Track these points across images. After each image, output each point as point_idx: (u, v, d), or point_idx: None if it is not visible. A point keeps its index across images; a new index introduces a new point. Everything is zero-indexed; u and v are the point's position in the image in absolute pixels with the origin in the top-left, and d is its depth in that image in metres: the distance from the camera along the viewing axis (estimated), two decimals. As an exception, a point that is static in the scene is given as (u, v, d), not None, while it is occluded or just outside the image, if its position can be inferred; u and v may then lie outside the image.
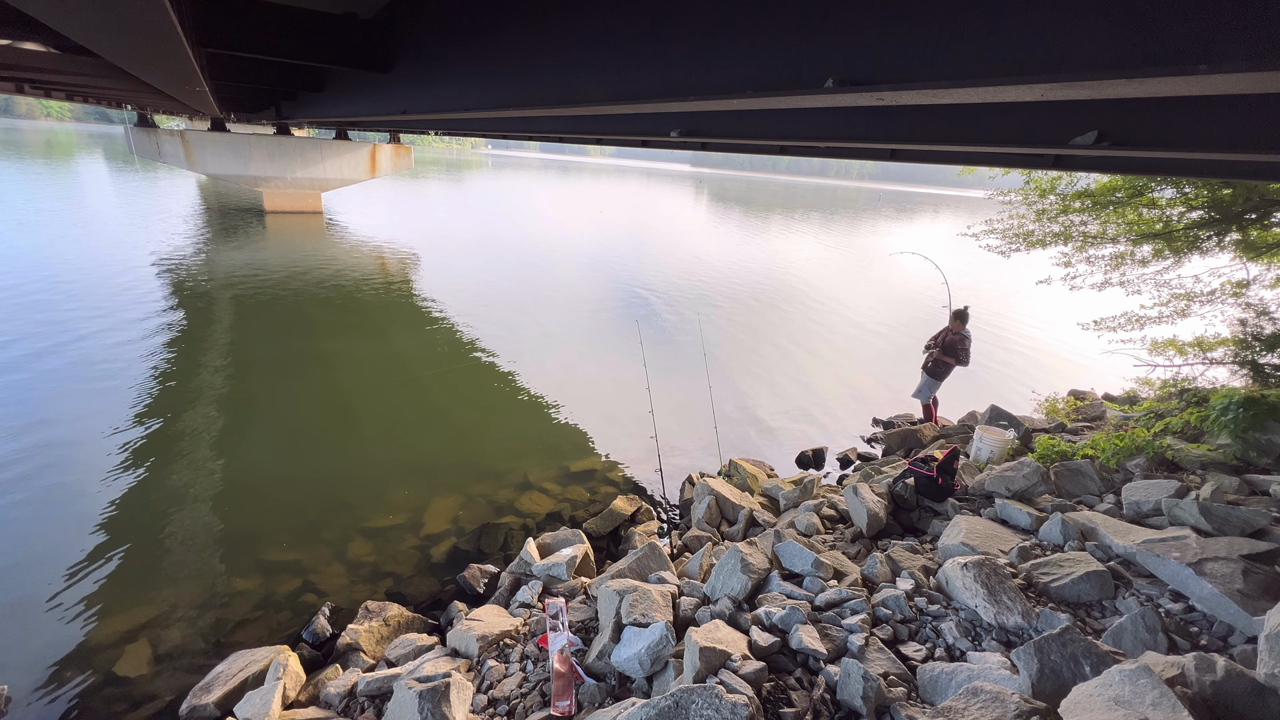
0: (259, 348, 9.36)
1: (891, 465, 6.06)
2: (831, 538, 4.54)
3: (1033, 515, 4.13)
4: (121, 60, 4.82)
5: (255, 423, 6.97)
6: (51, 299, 10.38)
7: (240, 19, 5.41)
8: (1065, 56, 1.62)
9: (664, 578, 3.73)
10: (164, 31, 3.36)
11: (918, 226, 48.21)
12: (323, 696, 3.35)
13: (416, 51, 5.75)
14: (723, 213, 45.61)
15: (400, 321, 11.50)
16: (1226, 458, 4.58)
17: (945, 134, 3.21)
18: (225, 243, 17.19)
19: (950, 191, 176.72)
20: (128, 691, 3.56)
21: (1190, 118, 2.38)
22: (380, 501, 5.59)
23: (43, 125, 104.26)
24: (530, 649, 3.40)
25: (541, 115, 5.56)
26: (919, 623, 3.21)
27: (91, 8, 2.91)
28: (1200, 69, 1.37)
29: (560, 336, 11.32)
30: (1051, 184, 7.45)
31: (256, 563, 4.70)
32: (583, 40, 3.58)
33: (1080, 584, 3.29)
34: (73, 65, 7.59)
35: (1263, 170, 3.25)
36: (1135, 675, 2.13)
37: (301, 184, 23.60)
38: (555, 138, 8.69)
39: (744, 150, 5.91)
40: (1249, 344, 5.47)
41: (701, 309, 13.95)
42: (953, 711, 2.29)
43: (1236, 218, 6.23)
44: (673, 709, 2.31)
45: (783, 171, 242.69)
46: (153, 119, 22.47)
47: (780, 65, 2.44)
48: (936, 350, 7.11)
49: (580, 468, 6.54)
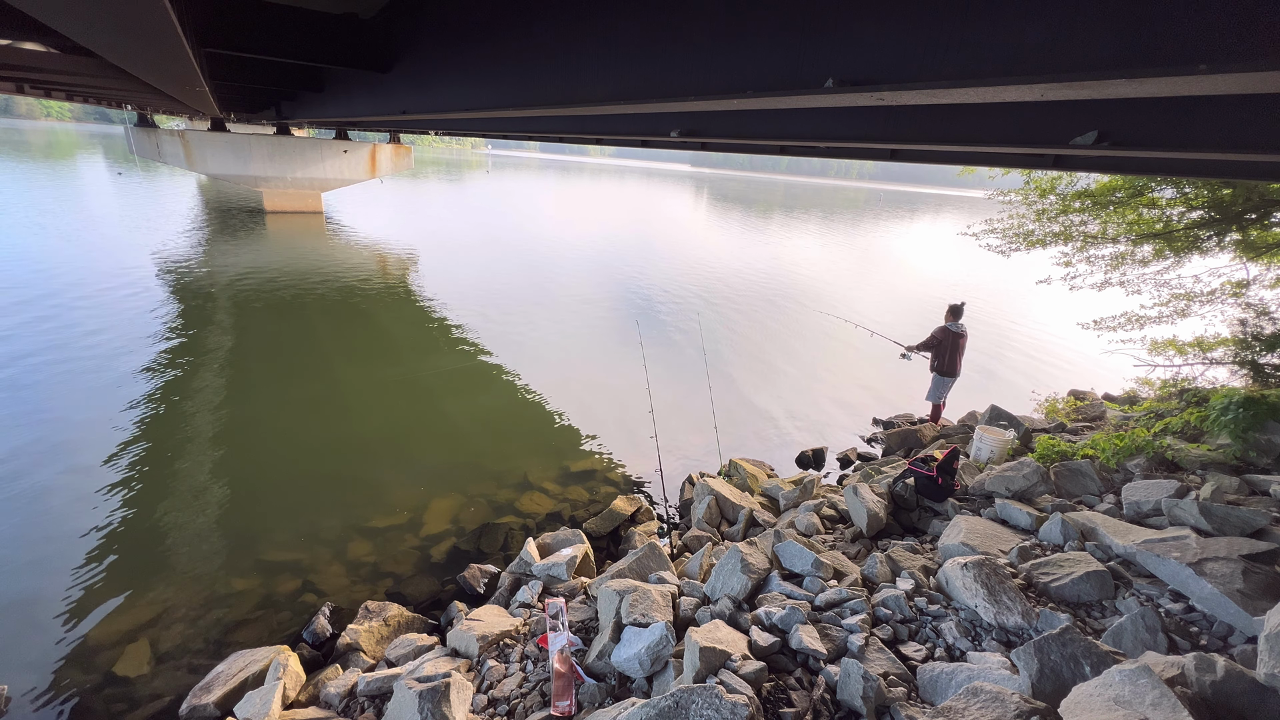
0: (259, 347, 9.36)
1: (891, 465, 6.06)
2: (831, 538, 4.54)
3: (1033, 515, 4.13)
4: (121, 60, 4.83)
5: (255, 422, 6.97)
6: (51, 299, 10.38)
7: (240, 19, 5.41)
8: (1065, 56, 1.62)
9: (664, 578, 3.73)
10: (164, 32, 3.36)
11: (917, 226, 48.23)
12: (323, 696, 3.35)
13: (416, 52, 5.75)
14: (722, 213, 45.61)
15: (401, 321, 11.50)
16: (1226, 458, 4.58)
17: (945, 134, 3.21)
18: (225, 243, 17.19)
19: (950, 191, 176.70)
20: (128, 691, 3.56)
21: (1190, 118, 2.38)
22: (380, 501, 5.59)
23: (43, 125, 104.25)
24: (530, 649, 3.40)
25: (541, 115, 5.56)
26: (919, 623, 3.21)
27: (91, 8, 2.91)
28: (1200, 69, 1.37)
29: (560, 336, 11.31)
30: (1051, 184, 7.45)
31: (256, 563, 4.70)
32: (583, 40, 3.58)
33: (1080, 584, 3.29)
34: (73, 65, 7.59)
35: (1263, 170, 3.25)
36: (1135, 675, 2.13)
37: (301, 184, 23.61)
38: (555, 138, 8.70)
39: (744, 150, 5.91)
40: (1249, 344, 5.47)
41: (701, 309, 13.96)
42: (953, 711, 2.29)
43: (1236, 218, 6.23)
44: (673, 709, 2.31)
45: (783, 171, 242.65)
46: (153, 119, 22.46)
47: (780, 65, 2.44)
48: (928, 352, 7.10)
49: (580, 468, 6.54)
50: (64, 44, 6.00)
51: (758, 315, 14.04)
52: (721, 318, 13.52)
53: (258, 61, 8.88)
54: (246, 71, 9.62)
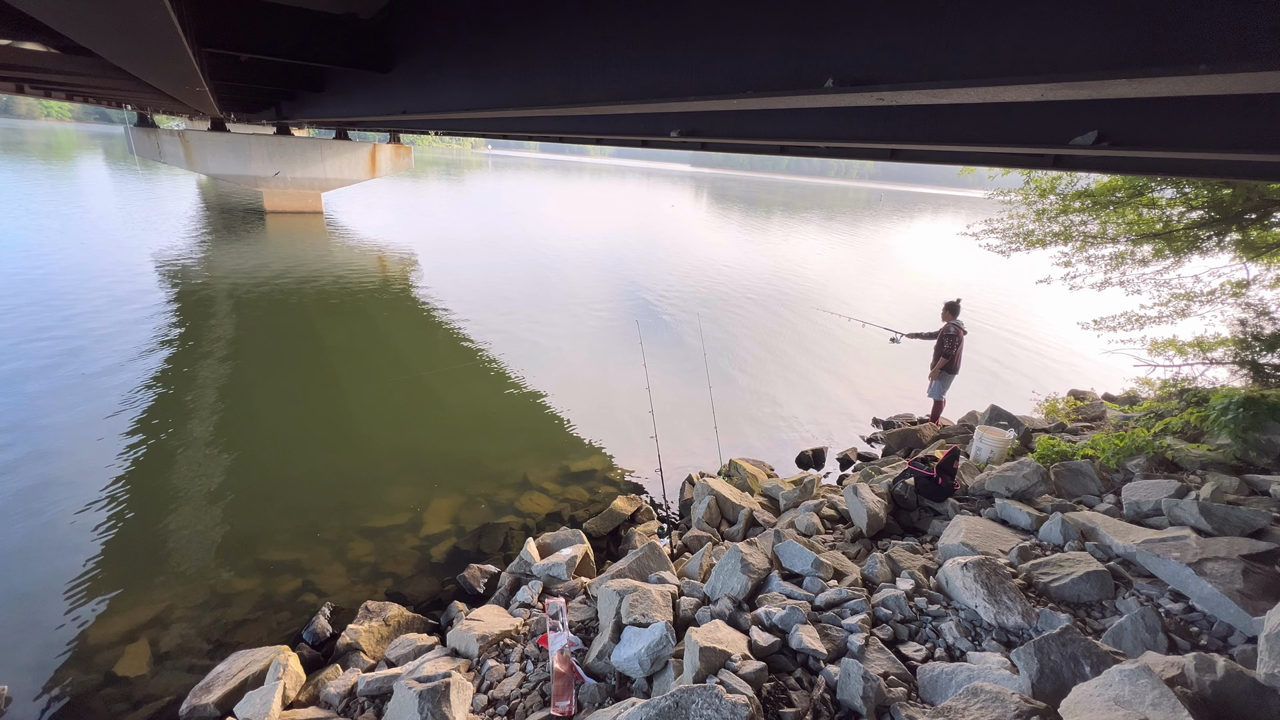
0: (259, 348, 9.36)
1: (891, 465, 6.06)
2: (831, 538, 4.54)
3: (1033, 515, 4.13)
4: (122, 60, 4.82)
5: (255, 422, 6.97)
6: (51, 299, 10.37)
7: (240, 19, 5.41)
8: (1065, 56, 1.62)
9: (664, 578, 3.73)
10: (164, 32, 3.36)
11: (917, 226, 48.21)
12: (323, 696, 3.35)
13: (417, 51, 5.75)
14: (722, 213, 45.58)
15: (401, 321, 11.50)
16: (1226, 458, 4.58)
17: (945, 134, 3.21)
18: (225, 243, 17.19)
19: (950, 191, 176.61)
20: (128, 691, 3.56)
21: (1190, 118, 2.38)
22: (380, 501, 5.59)
23: (43, 125, 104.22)
24: (530, 649, 3.40)
25: (542, 115, 5.56)
26: (919, 623, 3.21)
27: (92, 8, 2.91)
28: (1200, 69, 1.37)
29: (560, 336, 11.31)
30: (1051, 184, 7.45)
31: (256, 563, 4.70)
32: (583, 40, 3.58)
33: (1080, 584, 3.29)
34: (73, 65, 7.58)
35: (1263, 170, 3.25)
36: (1135, 675, 2.13)
37: (301, 184, 23.59)
38: (555, 138, 8.69)
39: (744, 150, 5.91)
40: (1249, 344, 5.46)
41: (701, 309, 13.95)
42: (953, 711, 2.29)
43: (1236, 218, 6.23)
44: (673, 709, 2.31)
45: (783, 171, 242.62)
46: (153, 119, 22.43)
47: (780, 65, 2.44)
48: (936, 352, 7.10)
49: (580, 468, 6.54)
50: (64, 44, 5.99)
51: (758, 315, 14.04)
52: (721, 317, 13.51)
53: (258, 61, 8.86)
54: (247, 71, 9.60)
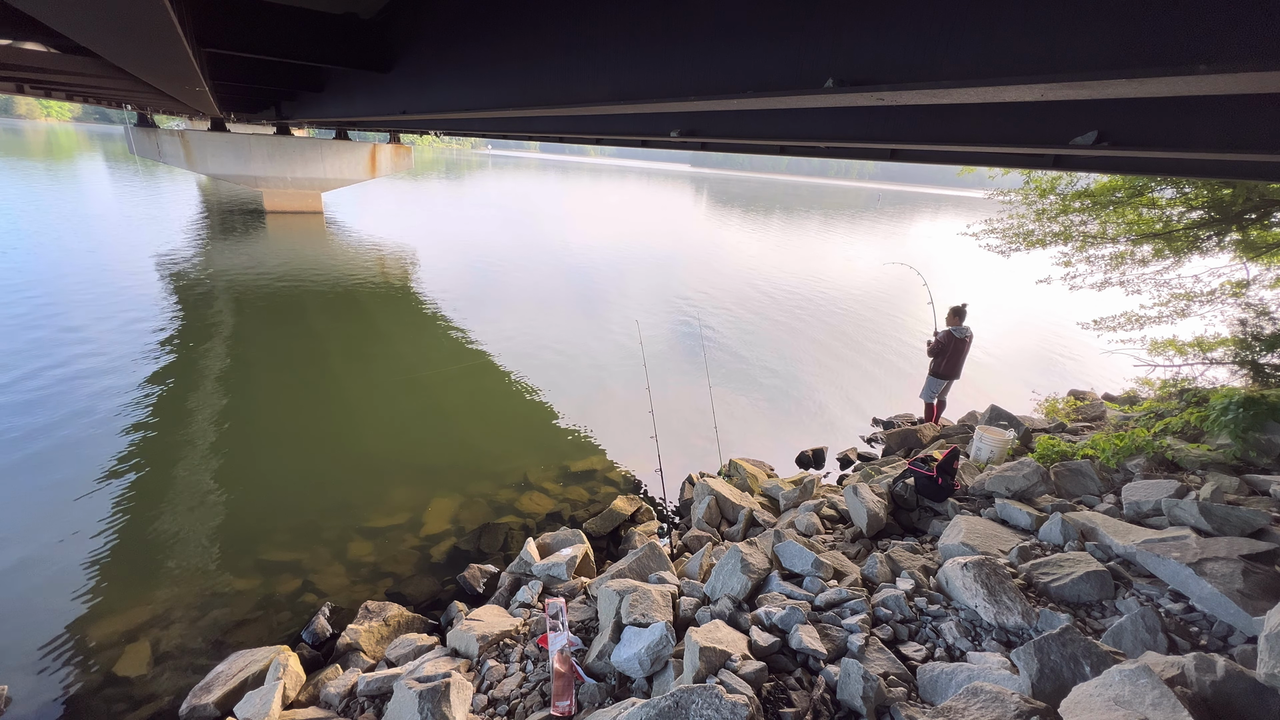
0: (259, 348, 9.35)
1: (891, 465, 6.06)
2: (831, 538, 4.53)
3: (1033, 515, 4.13)
4: (121, 60, 4.83)
5: (255, 422, 6.97)
6: (51, 299, 10.37)
7: (240, 19, 5.42)
8: (1065, 56, 1.62)
9: (664, 578, 3.73)
10: (164, 31, 3.36)
11: (917, 226, 48.20)
12: (323, 696, 3.35)
13: (417, 51, 5.75)
14: (722, 214, 45.58)
15: (401, 322, 11.50)
16: (1226, 458, 4.58)
17: (945, 134, 3.22)
18: (225, 243, 17.19)
19: (950, 191, 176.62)
20: (128, 691, 3.56)
21: (1190, 118, 2.38)
22: (380, 501, 5.59)
23: (43, 125, 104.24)
24: (530, 649, 3.40)
25: (542, 115, 5.56)
26: (919, 623, 3.21)
27: (91, 8, 2.91)
28: (1200, 69, 1.37)
29: (561, 336, 11.31)
30: (1051, 184, 7.45)
31: (256, 563, 4.70)
32: (583, 40, 3.58)
33: (1080, 584, 3.29)
34: (73, 65, 7.58)
35: (1263, 170, 3.25)
36: (1135, 675, 2.13)
37: (301, 184, 23.60)
38: (555, 138, 8.70)
39: (744, 150, 5.91)
40: (1249, 344, 5.47)
41: (701, 308, 13.95)
42: (953, 711, 2.29)
43: (1236, 218, 6.23)
44: (673, 709, 2.31)
45: (783, 171, 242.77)
46: (153, 119, 22.45)
47: (780, 65, 2.44)
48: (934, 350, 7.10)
49: (580, 468, 6.54)
50: (64, 44, 6.00)
51: (758, 315, 14.04)
52: (721, 316, 13.51)
53: (258, 61, 8.88)
54: (246, 71, 9.62)
